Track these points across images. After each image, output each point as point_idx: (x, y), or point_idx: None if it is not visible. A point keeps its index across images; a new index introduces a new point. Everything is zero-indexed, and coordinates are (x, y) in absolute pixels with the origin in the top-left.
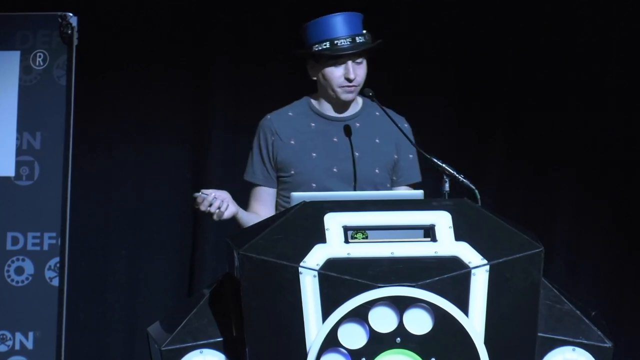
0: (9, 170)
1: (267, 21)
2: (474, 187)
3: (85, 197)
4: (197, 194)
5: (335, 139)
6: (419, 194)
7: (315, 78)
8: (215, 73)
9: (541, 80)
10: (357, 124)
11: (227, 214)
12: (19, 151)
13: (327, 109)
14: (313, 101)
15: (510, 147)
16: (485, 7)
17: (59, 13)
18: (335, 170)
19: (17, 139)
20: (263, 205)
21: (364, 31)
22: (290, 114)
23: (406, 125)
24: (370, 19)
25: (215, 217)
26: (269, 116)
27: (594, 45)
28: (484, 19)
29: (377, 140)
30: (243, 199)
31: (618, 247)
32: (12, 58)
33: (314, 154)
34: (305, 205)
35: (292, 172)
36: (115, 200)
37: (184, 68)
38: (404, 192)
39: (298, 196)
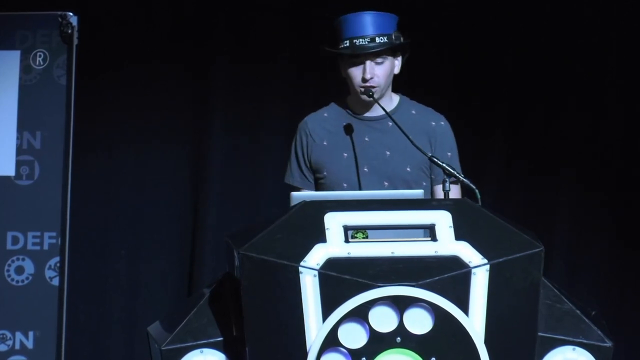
0: (9, 170)
1: (267, 21)
2: (474, 187)
3: (85, 197)
4: None
5: (366, 139)
6: (419, 193)
7: (344, 76)
8: (215, 73)
9: (541, 80)
10: (390, 123)
11: None
12: (19, 151)
13: (360, 108)
14: (347, 101)
15: (510, 147)
16: (485, 7)
17: (59, 12)
18: (366, 169)
19: (17, 138)
20: None
21: (394, 31)
22: (325, 115)
23: (442, 123)
24: None
25: None
26: (306, 118)
27: (594, 45)
28: (483, 18)
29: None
30: (245, 199)
31: (618, 247)
32: (12, 58)
33: (345, 154)
34: (305, 204)
35: (325, 172)
36: (115, 200)
37: (184, 68)
38: (403, 191)
39: (298, 196)
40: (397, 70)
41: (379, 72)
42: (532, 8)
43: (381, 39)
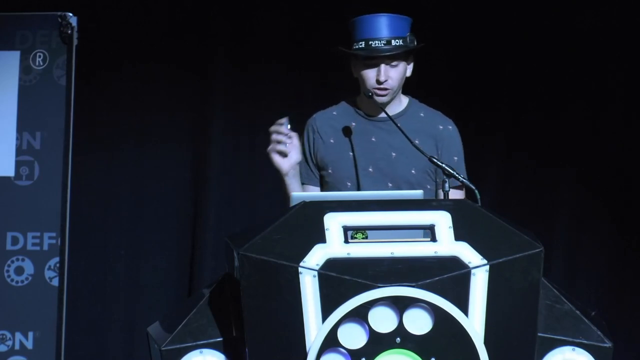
0: (9, 170)
1: (267, 21)
2: (474, 187)
3: (85, 197)
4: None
5: (373, 139)
6: (418, 194)
7: (356, 77)
8: (215, 73)
9: (541, 81)
10: (398, 124)
11: (288, 163)
12: (19, 151)
13: (369, 109)
14: (357, 100)
15: (510, 147)
16: (485, 7)
17: (59, 13)
18: (370, 169)
19: (17, 139)
20: None
21: (408, 34)
22: (334, 113)
23: (450, 127)
24: None
25: (276, 157)
26: (315, 115)
27: (594, 45)
28: (483, 19)
29: (416, 141)
30: (245, 199)
31: (618, 247)
32: (12, 58)
33: (351, 153)
34: (305, 205)
35: (330, 170)
36: (115, 200)
37: (184, 68)
38: (403, 192)
39: (298, 196)
40: (409, 73)
41: (393, 75)
42: (532, 8)
43: (397, 42)
